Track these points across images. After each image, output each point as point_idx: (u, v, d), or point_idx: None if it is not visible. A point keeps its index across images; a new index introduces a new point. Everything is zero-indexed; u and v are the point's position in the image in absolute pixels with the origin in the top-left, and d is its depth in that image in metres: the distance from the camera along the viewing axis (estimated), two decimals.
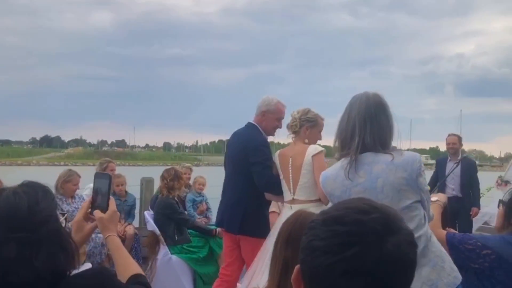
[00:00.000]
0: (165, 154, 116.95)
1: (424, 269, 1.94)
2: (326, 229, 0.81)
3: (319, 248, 0.80)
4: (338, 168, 2.13)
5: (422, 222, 2.03)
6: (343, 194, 2.06)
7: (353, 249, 0.77)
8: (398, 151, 2.07)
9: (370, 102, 2.12)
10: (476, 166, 6.90)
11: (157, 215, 5.04)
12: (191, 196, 6.11)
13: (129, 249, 5.39)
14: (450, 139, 6.39)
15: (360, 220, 0.80)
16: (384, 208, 0.84)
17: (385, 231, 0.79)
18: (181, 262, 4.83)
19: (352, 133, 2.10)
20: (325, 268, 0.78)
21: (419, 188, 2.03)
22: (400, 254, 0.79)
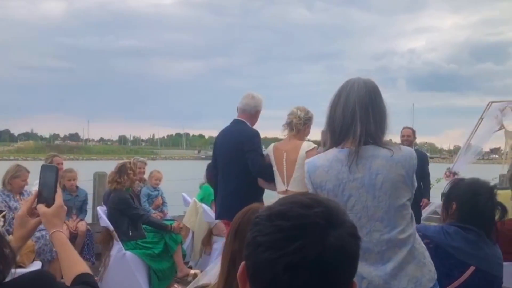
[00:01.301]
0: (121, 147, 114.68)
1: (409, 267, 1.91)
2: (270, 225, 0.81)
3: (263, 243, 0.79)
4: (332, 159, 1.95)
5: (411, 221, 1.97)
6: (336, 188, 1.92)
7: (296, 243, 0.77)
8: (396, 146, 1.95)
9: (369, 87, 1.96)
10: (428, 159, 7.12)
11: (110, 210, 4.90)
12: (146, 190, 6.01)
13: (82, 245, 5.25)
14: (404, 132, 6.54)
15: (303, 214, 0.80)
16: (328, 202, 0.85)
17: (327, 225, 0.80)
18: (135, 258, 4.73)
19: (353, 120, 1.91)
20: (268, 263, 0.78)
21: (412, 185, 1.94)
22: (343, 247, 0.79)
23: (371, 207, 1.90)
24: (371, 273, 1.92)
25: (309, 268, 0.77)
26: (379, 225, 1.91)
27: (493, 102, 7.30)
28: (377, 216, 1.91)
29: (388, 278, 1.90)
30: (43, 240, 4.57)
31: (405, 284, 1.90)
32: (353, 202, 1.92)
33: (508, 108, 7.04)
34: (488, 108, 7.27)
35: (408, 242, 1.92)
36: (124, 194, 4.86)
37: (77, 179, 5.58)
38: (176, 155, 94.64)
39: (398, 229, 1.91)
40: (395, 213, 1.90)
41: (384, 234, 1.91)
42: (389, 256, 1.91)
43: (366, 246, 1.92)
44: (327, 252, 0.77)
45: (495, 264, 2.33)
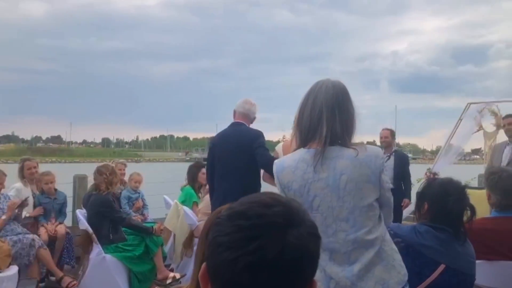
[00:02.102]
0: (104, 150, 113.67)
1: (377, 268, 1.91)
2: (230, 224, 0.81)
3: (223, 243, 0.79)
4: (298, 160, 1.96)
5: (379, 222, 1.96)
6: (301, 188, 1.93)
7: (255, 242, 0.77)
8: (362, 146, 1.93)
9: (337, 88, 1.97)
10: (408, 160, 7.20)
11: (91, 212, 4.83)
12: (126, 193, 5.95)
13: (61, 249, 5.19)
14: (383, 133, 6.63)
15: (263, 213, 0.80)
16: (288, 202, 0.85)
17: (287, 224, 0.80)
18: (115, 261, 4.68)
19: (319, 121, 1.93)
20: (228, 263, 0.78)
21: (380, 185, 1.93)
22: (303, 246, 0.80)
23: (336, 207, 1.91)
24: (339, 274, 1.92)
25: (268, 267, 0.77)
26: (344, 225, 1.91)
27: (471, 103, 7.41)
28: (342, 216, 1.91)
29: (355, 280, 1.90)
30: (20, 244, 4.50)
31: (372, 286, 1.90)
32: (318, 202, 1.92)
33: (486, 110, 7.16)
34: (467, 110, 7.38)
35: (375, 243, 1.92)
36: (106, 196, 4.80)
37: (55, 182, 5.50)
38: (160, 157, 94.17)
39: (365, 230, 1.91)
40: (360, 214, 1.90)
41: (349, 235, 1.91)
42: (356, 257, 1.91)
43: (333, 246, 1.93)
44: (287, 251, 0.77)
45: (466, 262, 2.36)
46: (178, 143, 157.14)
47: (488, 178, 2.84)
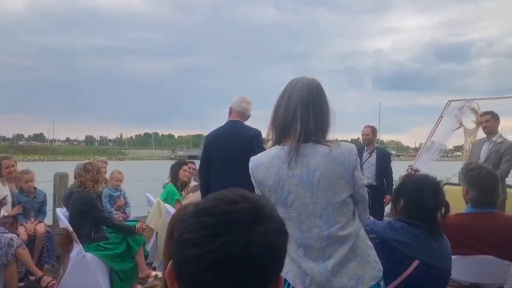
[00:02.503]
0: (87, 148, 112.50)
1: (351, 264, 1.93)
2: (196, 221, 0.80)
3: (188, 240, 0.79)
4: (273, 156, 1.98)
5: (352, 218, 1.99)
6: (276, 185, 1.95)
7: (220, 239, 0.77)
8: (335, 143, 1.96)
9: (311, 86, 1.99)
10: (390, 156, 7.27)
11: (73, 210, 4.76)
12: (108, 191, 5.90)
13: (41, 248, 5.12)
14: (364, 130, 6.70)
15: (228, 210, 0.80)
16: (255, 198, 0.85)
17: (253, 220, 0.80)
18: (96, 259, 4.63)
19: (293, 119, 1.94)
20: (192, 260, 0.78)
21: (354, 182, 1.96)
22: (269, 242, 0.80)
23: (309, 203, 1.93)
24: (313, 269, 1.95)
25: (233, 264, 0.77)
26: (318, 221, 1.94)
27: (452, 101, 7.48)
28: (315, 213, 1.93)
29: (329, 275, 1.93)
30: None
31: (346, 281, 1.92)
32: (293, 199, 1.94)
33: (466, 107, 7.23)
34: (448, 107, 7.45)
35: (349, 239, 1.94)
36: (89, 195, 4.73)
37: (34, 180, 5.42)
38: (144, 155, 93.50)
39: (338, 226, 1.93)
40: (334, 210, 1.93)
41: (323, 230, 1.93)
42: (330, 253, 1.94)
43: (308, 242, 1.96)
44: (252, 247, 0.77)
45: (441, 258, 2.38)
46: (162, 141, 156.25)
47: (467, 175, 2.87)
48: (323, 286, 1.94)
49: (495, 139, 5.66)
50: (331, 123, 2.02)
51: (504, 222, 2.80)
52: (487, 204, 2.81)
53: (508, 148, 5.51)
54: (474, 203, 2.82)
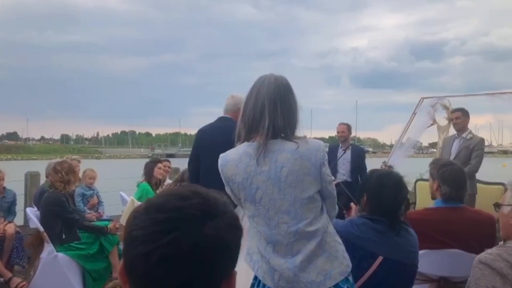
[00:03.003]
0: (63, 147, 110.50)
1: (319, 260, 1.95)
2: (147, 218, 0.80)
3: (138, 237, 0.78)
4: (241, 153, 1.99)
5: (320, 214, 2.00)
6: (244, 181, 1.96)
7: (170, 235, 0.76)
8: (303, 139, 1.98)
9: (279, 83, 2.01)
10: (364, 153, 7.34)
11: (43, 210, 4.65)
12: (80, 190, 5.81)
13: (10, 249, 5.01)
14: (339, 128, 6.75)
15: (179, 206, 0.80)
16: (207, 193, 0.85)
17: (204, 216, 0.79)
18: (68, 259, 4.54)
19: (262, 115, 1.96)
20: (142, 257, 0.77)
21: (321, 178, 1.97)
22: (220, 238, 0.79)
23: (277, 199, 1.94)
24: (282, 265, 1.96)
25: (183, 259, 0.76)
26: (286, 217, 1.95)
27: (424, 98, 7.59)
28: (283, 209, 1.94)
29: (297, 271, 1.94)
30: None
31: (314, 276, 1.94)
32: (261, 195, 1.95)
33: (439, 104, 7.35)
34: (420, 104, 7.56)
35: (317, 235, 1.96)
36: (59, 196, 4.61)
37: (4, 180, 5.31)
38: (121, 154, 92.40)
39: (305, 222, 1.94)
40: (301, 206, 1.94)
41: (291, 226, 1.94)
42: (298, 249, 1.95)
43: (276, 238, 1.97)
44: (202, 243, 0.77)
45: (405, 252, 2.41)
46: (140, 139, 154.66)
47: (440, 170, 2.91)
48: (291, 282, 1.96)
49: (465, 135, 5.78)
50: (299, 119, 2.04)
51: (470, 216, 2.86)
52: (457, 199, 2.86)
53: (478, 144, 5.64)
54: (446, 198, 2.86)
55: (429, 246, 2.77)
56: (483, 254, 1.86)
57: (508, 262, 1.78)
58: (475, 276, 1.82)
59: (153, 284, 0.77)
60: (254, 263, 2.07)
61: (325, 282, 1.94)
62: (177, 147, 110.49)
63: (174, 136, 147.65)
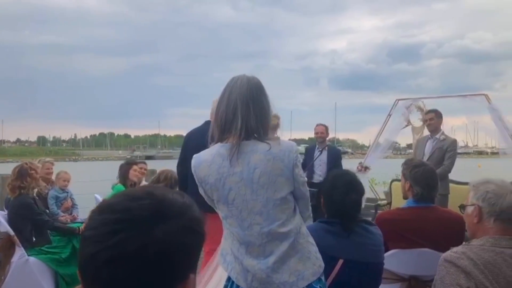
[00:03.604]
0: (39, 149, 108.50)
1: (292, 260, 1.96)
2: (98, 218, 0.79)
3: (88, 238, 0.78)
4: (214, 154, 1.99)
5: (293, 215, 2.01)
6: (217, 182, 1.96)
7: (117, 236, 0.76)
8: (276, 140, 1.98)
9: (251, 84, 2.01)
10: (341, 154, 7.40)
11: (11, 215, 4.57)
12: (54, 192, 5.70)
13: None
14: (318, 129, 6.79)
15: (129, 207, 0.79)
16: (163, 195, 0.84)
17: (154, 218, 0.78)
18: (40, 263, 4.46)
19: (234, 116, 1.96)
20: (90, 258, 0.77)
21: (294, 179, 1.98)
22: (171, 241, 0.78)
23: (250, 200, 1.94)
24: (255, 266, 1.96)
25: (129, 262, 0.75)
26: (258, 218, 1.95)
27: (399, 99, 7.70)
28: (256, 210, 1.94)
29: (270, 272, 1.94)
30: None
31: (287, 277, 1.94)
32: (234, 196, 1.95)
33: (413, 106, 7.46)
34: (395, 106, 7.66)
35: (290, 236, 1.96)
36: (25, 199, 4.51)
37: None
38: (99, 156, 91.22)
39: (278, 223, 1.95)
40: (274, 207, 1.94)
41: (264, 227, 1.95)
42: (271, 250, 1.95)
43: (249, 239, 1.97)
44: (150, 246, 0.76)
45: (365, 252, 2.40)
46: (118, 141, 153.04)
47: (412, 171, 2.94)
48: (264, 283, 1.96)
49: (439, 136, 5.87)
50: (270, 121, 2.05)
51: (440, 215, 2.89)
52: (428, 199, 2.89)
53: (450, 145, 5.73)
54: (418, 198, 2.89)
55: (400, 245, 2.80)
56: (449, 253, 1.90)
57: (472, 260, 1.81)
58: (440, 274, 1.85)
59: (101, 285, 0.77)
60: (227, 264, 2.07)
61: (297, 282, 1.95)
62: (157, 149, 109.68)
63: (153, 138, 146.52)
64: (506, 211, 1.96)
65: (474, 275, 1.77)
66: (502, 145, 6.72)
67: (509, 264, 1.81)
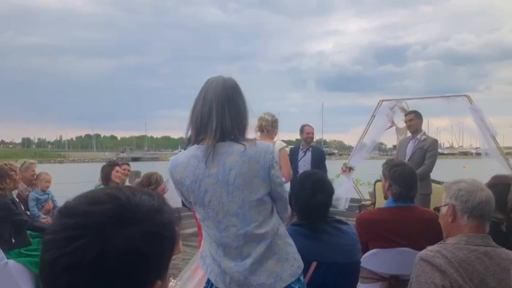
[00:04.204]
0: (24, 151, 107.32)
1: (269, 262, 1.94)
2: (58, 222, 0.77)
3: (47, 242, 0.76)
4: (190, 156, 1.97)
5: (269, 216, 1.99)
6: (193, 184, 1.94)
7: (76, 243, 0.73)
8: (252, 141, 1.96)
9: (227, 84, 1.99)
10: (325, 154, 7.43)
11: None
12: (34, 194, 5.62)
13: None
14: (309, 129, 6.80)
15: (88, 211, 0.76)
16: (128, 198, 0.81)
17: (114, 223, 0.76)
18: (19, 267, 4.38)
19: (209, 117, 1.93)
20: (48, 264, 0.74)
21: (270, 180, 1.96)
22: (134, 248, 0.75)
23: (226, 202, 1.93)
24: (232, 268, 1.95)
25: (88, 269, 0.72)
26: (235, 220, 1.94)
27: (383, 100, 7.76)
28: (232, 211, 1.93)
29: (248, 274, 1.93)
30: None
31: (265, 279, 1.94)
32: (210, 198, 1.94)
33: (397, 107, 7.52)
34: (379, 107, 7.71)
35: (266, 237, 1.95)
36: (3, 199, 4.46)
37: None
38: (85, 158, 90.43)
39: (254, 224, 1.94)
40: (250, 208, 1.93)
41: (240, 229, 1.94)
42: (248, 251, 1.94)
43: (225, 241, 1.96)
44: (110, 253, 0.73)
45: (339, 252, 2.39)
46: (105, 143, 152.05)
47: (391, 170, 2.95)
48: (242, 285, 1.95)
49: (419, 136, 5.91)
50: (249, 121, 2.03)
51: (420, 215, 2.91)
52: (407, 199, 2.90)
53: (431, 145, 5.77)
54: (396, 197, 2.90)
55: (381, 245, 2.81)
56: (424, 251, 1.91)
57: (447, 258, 1.83)
58: (416, 272, 1.86)
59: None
60: (207, 266, 2.06)
61: (275, 284, 1.94)
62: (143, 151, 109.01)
63: (140, 140, 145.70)
64: (478, 207, 1.98)
65: (449, 274, 1.78)
66: (484, 145, 6.80)
67: (482, 262, 1.83)
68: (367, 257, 2.83)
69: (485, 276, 1.79)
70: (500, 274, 1.80)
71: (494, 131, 6.63)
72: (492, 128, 6.61)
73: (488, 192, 2.01)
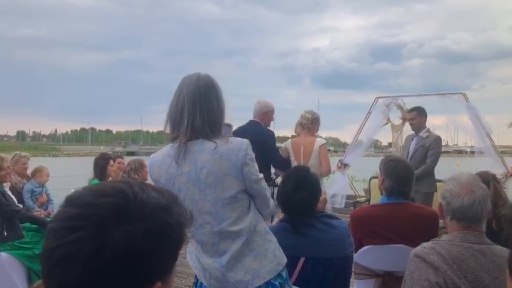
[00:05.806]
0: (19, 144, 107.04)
1: (247, 259, 1.95)
2: (62, 210, 0.76)
3: (50, 230, 0.75)
4: (164, 154, 1.99)
5: (246, 213, 1.99)
6: (167, 183, 1.95)
7: (75, 233, 0.72)
8: (223, 139, 1.95)
9: (200, 82, 1.98)
10: None
11: None
12: (30, 186, 5.63)
13: None
14: None
15: (90, 203, 0.75)
16: (135, 193, 0.79)
17: (115, 218, 0.74)
18: (12, 259, 4.36)
19: (181, 115, 1.94)
20: (47, 252, 0.73)
21: (244, 177, 1.94)
22: (133, 245, 0.74)
23: (199, 200, 1.94)
24: (210, 265, 1.98)
25: (83, 262, 0.71)
26: (208, 218, 1.95)
27: (379, 97, 7.75)
28: (205, 209, 1.94)
29: (225, 270, 1.95)
30: None
31: (242, 276, 1.94)
32: (183, 196, 1.94)
33: (393, 104, 7.52)
34: (375, 104, 7.71)
35: (242, 234, 1.95)
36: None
37: None
38: (80, 151, 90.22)
39: (228, 222, 1.94)
40: (222, 206, 1.94)
41: (214, 227, 1.95)
42: (224, 248, 1.96)
43: (202, 239, 1.98)
44: (107, 248, 0.72)
45: (327, 247, 2.38)
46: (100, 137, 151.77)
47: (386, 165, 2.95)
48: (220, 281, 1.97)
49: (422, 134, 5.78)
50: (222, 119, 2.02)
51: (413, 212, 2.90)
52: (400, 195, 2.89)
53: (433, 142, 5.65)
54: (389, 193, 2.90)
55: (374, 241, 2.81)
56: (418, 248, 1.91)
57: (441, 255, 1.82)
58: (410, 269, 1.86)
59: (54, 282, 0.73)
60: (192, 262, 2.09)
61: (253, 281, 1.95)
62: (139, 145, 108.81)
63: (135, 134, 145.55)
64: (458, 211, 1.95)
65: (443, 270, 1.78)
66: (479, 144, 6.80)
67: (476, 259, 1.83)
68: (361, 254, 2.83)
69: (480, 273, 1.79)
70: (495, 272, 1.79)
71: (489, 130, 6.64)
72: (487, 126, 6.62)
73: (476, 195, 1.95)
